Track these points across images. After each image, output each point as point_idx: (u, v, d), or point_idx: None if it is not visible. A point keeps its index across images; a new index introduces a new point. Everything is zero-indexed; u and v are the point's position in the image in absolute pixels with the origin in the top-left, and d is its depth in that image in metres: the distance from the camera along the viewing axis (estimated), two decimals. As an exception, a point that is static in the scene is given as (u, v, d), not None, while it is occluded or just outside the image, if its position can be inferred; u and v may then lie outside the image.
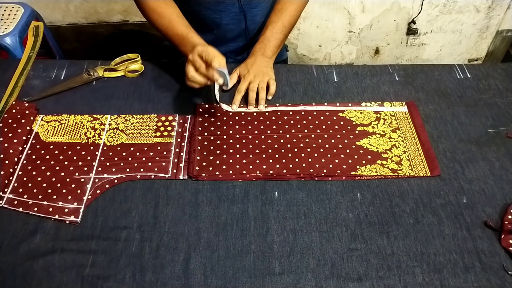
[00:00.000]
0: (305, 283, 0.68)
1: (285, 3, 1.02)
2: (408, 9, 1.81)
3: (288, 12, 1.01)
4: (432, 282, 0.69)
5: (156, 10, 0.93)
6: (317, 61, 2.03)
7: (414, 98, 0.97)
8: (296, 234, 0.74)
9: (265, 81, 0.96)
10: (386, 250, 0.72)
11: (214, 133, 0.88)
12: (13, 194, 0.78)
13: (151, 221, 0.75)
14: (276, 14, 1.01)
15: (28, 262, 0.70)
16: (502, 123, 0.92)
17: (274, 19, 1.01)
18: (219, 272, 0.69)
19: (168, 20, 0.93)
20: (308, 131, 0.89)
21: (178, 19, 0.94)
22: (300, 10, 1.04)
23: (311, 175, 0.81)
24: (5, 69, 0.99)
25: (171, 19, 0.93)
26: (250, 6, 1.02)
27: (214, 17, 1.02)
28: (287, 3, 1.01)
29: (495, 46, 2.03)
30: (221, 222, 0.75)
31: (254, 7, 1.03)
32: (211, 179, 0.81)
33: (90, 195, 0.78)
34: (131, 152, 0.85)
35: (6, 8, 1.51)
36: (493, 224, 0.75)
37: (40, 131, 0.88)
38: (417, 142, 0.88)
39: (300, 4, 1.03)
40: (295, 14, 1.02)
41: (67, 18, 1.88)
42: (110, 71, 1.00)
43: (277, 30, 1.00)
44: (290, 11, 1.01)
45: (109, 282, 0.68)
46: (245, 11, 1.02)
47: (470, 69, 1.04)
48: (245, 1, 1.00)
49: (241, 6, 1.00)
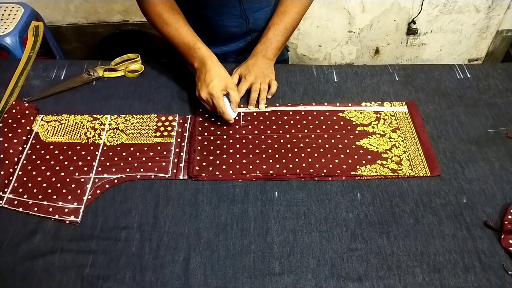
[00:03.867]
0: (305, 283, 0.68)
1: (287, 5, 1.02)
2: (408, 9, 1.81)
3: (290, 15, 1.01)
4: (432, 282, 0.69)
5: (162, 16, 0.92)
6: (317, 61, 2.03)
7: (414, 98, 0.97)
8: (296, 234, 0.74)
9: (266, 82, 0.96)
10: (386, 250, 0.72)
11: (214, 133, 0.88)
12: (13, 194, 0.78)
13: (151, 221, 0.75)
14: (279, 16, 1.01)
15: (28, 262, 0.70)
16: (502, 123, 0.92)
17: (276, 21, 1.01)
18: (219, 272, 0.69)
19: (175, 28, 0.92)
20: (308, 131, 0.89)
21: (185, 27, 0.93)
22: (303, 13, 1.04)
23: (311, 175, 0.81)
24: (5, 69, 0.99)
25: (177, 27, 0.92)
26: (252, 10, 1.02)
27: (216, 19, 1.02)
28: (290, 6, 1.01)
29: (495, 46, 2.03)
30: (221, 222, 0.75)
31: (256, 11, 1.02)
32: (211, 179, 0.81)
33: (90, 195, 0.78)
34: (131, 152, 0.85)
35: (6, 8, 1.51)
36: (493, 224, 0.75)
37: (40, 131, 0.88)
38: (417, 142, 0.88)
39: (303, 7, 1.03)
40: (297, 17, 1.02)
41: (67, 18, 1.88)
42: (110, 71, 1.00)
43: (279, 32, 1.00)
44: (292, 14, 1.01)
45: (109, 282, 0.68)
46: (247, 15, 1.02)
47: (470, 69, 1.03)
48: (247, 5, 1.00)
49: (243, 10, 1.00)
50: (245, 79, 0.96)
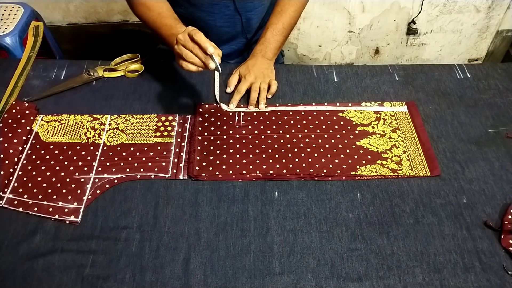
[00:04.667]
0: (305, 283, 0.68)
1: (284, 4, 1.02)
2: (408, 9, 1.81)
3: (287, 14, 1.01)
4: (432, 282, 0.69)
5: (146, 4, 0.93)
6: (317, 61, 2.02)
7: (414, 98, 0.97)
8: (296, 234, 0.74)
9: (266, 82, 0.96)
10: (386, 250, 0.72)
11: (214, 133, 0.88)
12: (13, 194, 0.78)
13: (151, 221, 0.75)
14: (276, 16, 1.02)
15: (28, 262, 0.70)
16: (502, 123, 0.92)
17: (274, 21, 1.01)
18: (219, 272, 0.69)
19: (157, 12, 0.92)
20: (308, 131, 0.89)
21: (167, 12, 0.93)
22: (300, 12, 1.04)
23: (311, 175, 0.81)
24: (5, 69, 0.99)
25: (160, 12, 0.92)
26: (245, 9, 1.01)
27: (208, 19, 1.01)
28: (287, 5, 1.01)
29: (495, 46, 2.03)
30: (221, 222, 0.75)
31: (249, 10, 1.02)
32: (211, 179, 0.81)
33: (90, 195, 0.78)
34: (131, 152, 0.85)
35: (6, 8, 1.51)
36: (493, 224, 0.75)
37: (40, 131, 0.88)
38: (417, 142, 0.88)
39: (300, 5, 1.03)
40: (294, 16, 1.02)
41: (67, 18, 1.88)
42: (110, 71, 1.00)
43: (277, 31, 1.00)
44: (289, 13, 1.01)
45: (109, 282, 0.68)
46: (240, 14, 1.02)
47: (470, 69, 1.03)
48: (240, 4, 1.00)
49: (236, 9, 1.00)
50: (245, 79, 0.96)
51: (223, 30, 1.04)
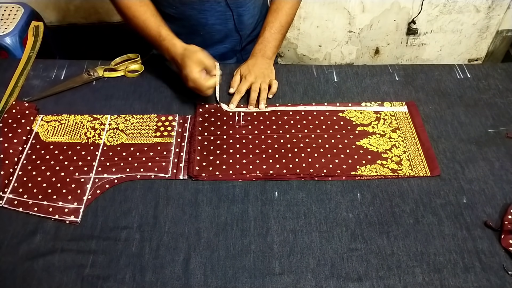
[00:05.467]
0: (305, 283, 0.68)
1: (280, 2, 1.02)
2: (408, 9, 1.80)
3: (284, 11, 1.02)
4: (432, 282, 0.69)
5: (130, 9, 0.93)
6: (317, 61, 2.02)
7: (414, 98, 0.97)
8: (296, 234, 0.74)
9: (267, 82, 0.96)
10: (386, 250, 0.72)
11: (214, 133, 0.88)
12: (13, 194, 0.78)
13: (151, 221, 0.75)
14: (273, 14, 1.02)
15: (28, 262, 0.70)
16: (502, 123, 0.92)
17: (271, 20, 1.01)
18: (219, 272, 0.69)
19: (142, 20, 0.93)
20: (308, 131, 0.89)
21: (152, 18, 0.93)
22: (296, 8, 1.04)
23: (311, 175, 0.81)
24: (5, 69, 0.99)
25: (144, 19, 0.93)
26: (236, 4, 1.01)
27: (199, 17, 1.01)
28: (282, 3, 1.02)
29: (495, 46, 2.03)
30: (221, 222, 0.75)
31: (240, 5, 1.02)
32: (211, 179, 0.81)
33: (90, 195, 0.78)
34: (131, 152, 0.85)
35: (6, 8, 1.51)
36: (493, 224, 0.75)
37: (40, 131, 0.88)
38: (417, 142, 0.87)
39: (295, 2, 1.03)
40: (291, 13, 1.03)
41: (67, 18, 1.88)
42: (110, 71, 1.00)
43: (275, 30, 1.01)
44: (286, 10, 1.02)
45: (109, 282, 0.68)
46: (232, 10, 1.01)
47: (470, 69, 1.03)
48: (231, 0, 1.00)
49: (227, 5, 1.00)
50: (245, 79, 0.96)
51: (215, 28, 1.04)
